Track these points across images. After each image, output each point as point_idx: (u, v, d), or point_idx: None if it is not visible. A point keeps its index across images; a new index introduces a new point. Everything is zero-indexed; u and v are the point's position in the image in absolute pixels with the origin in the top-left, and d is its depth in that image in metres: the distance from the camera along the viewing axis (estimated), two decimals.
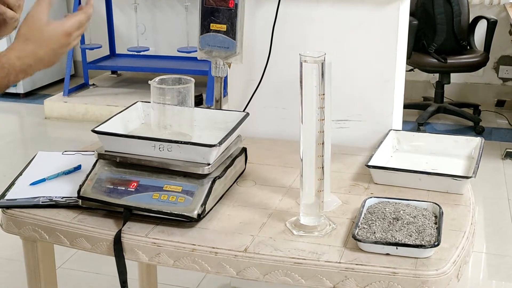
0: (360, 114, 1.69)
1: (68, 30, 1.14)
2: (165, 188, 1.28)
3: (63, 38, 1.14)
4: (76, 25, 1.16)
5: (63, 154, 1.58)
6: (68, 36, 1.15)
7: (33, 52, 1.11)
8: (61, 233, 1.28)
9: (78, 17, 1.17)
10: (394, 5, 1.60)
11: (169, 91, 1.38)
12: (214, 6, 1.59)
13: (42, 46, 1.12)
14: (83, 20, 1.18)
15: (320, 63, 1.15)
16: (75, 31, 1.16)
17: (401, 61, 1.69)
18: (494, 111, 4.54)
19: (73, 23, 1.16)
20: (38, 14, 1.13)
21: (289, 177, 1.48)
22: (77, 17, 1.17)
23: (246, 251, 1.17)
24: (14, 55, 1.09)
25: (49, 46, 1.12)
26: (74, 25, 1.16)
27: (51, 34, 1.12)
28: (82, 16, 1.18)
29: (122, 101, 4.42)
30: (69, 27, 1.15)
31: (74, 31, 1.16)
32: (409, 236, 1.14)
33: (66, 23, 1.15)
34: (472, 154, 1.55)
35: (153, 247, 1.21)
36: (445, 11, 4.07)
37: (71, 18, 1.16)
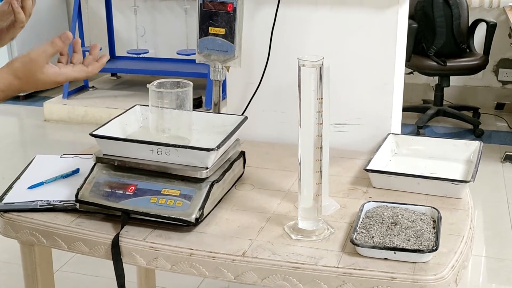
0: (359, 117, 1.69)
1: (62, 81, 1.15)
2: (163, 192, 1.28)
3: (52, 84, 1.15)
4: (70, 79, 1.16)
5: (61, 158, 1.58)
6: (58, 83, 1.15)
7: (19, 87, 1.12)
8: (59, 237, 1.28)
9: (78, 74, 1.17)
10: (393, 9, 1.60)
11: (168, 94, 1.38)
12: (212, 10, 1.59)
13: (30, 85, 1.13)
14: (80, 77, 1.17)
15: (318, 67, 1.15)
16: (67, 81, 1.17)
17: (400, 65, 1.69)
18: (493, 114, 4.54)
19: (69, 77, 1.15)
20: (38, 58, 1.12)
21: (287, 181, 1.48)
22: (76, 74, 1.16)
23: (244, 255, 1.16)
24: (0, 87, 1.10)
25: (36, 86, 1.14)
26: (68, 79, 1.16)
27: (43, 80, 1.12)
28: (82, 75, 1.17)
29: (122, 104, 4.42)
30: (63, 80, 1.15)
31: (66, 81, 1.16)
32: (407, 241, 1.14)
33: (62, 75, 1.14)
34: (471, 158, 1.55)
35: (150, 251, 1.21)
36: (444, 14, 4.07)
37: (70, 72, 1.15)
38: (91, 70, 1.19)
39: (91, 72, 1.19)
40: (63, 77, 1.15)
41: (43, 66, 1.12)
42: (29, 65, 1.11)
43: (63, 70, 1.15)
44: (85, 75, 1.18)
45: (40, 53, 1.12)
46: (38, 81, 1.12)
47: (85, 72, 1.18)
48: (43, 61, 1.12)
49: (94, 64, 1.20)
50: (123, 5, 5.24)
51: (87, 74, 1.18)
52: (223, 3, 1.58)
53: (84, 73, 1.18)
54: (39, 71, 1.11)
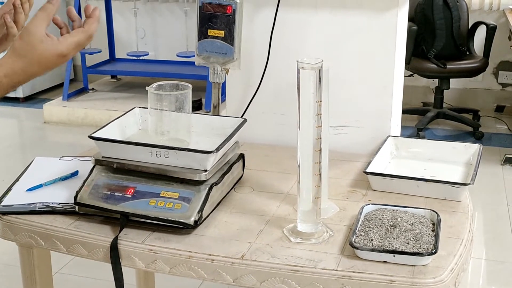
0: (358, 120, 1.69)
1: (64, 51, 1.08)
2: (162, 194, 1.27)
3: (57, 58, 1.08)
4: (73, 46, 1.09)
5: (61, 160, 1.58)
6: (63, 57, 1.08)
7: (23, 69, 1.06)
8: (58, 239, 1.28)
9: (77, 37, 1.10)
10: (392, 11, 1.60)
11: (167, 97, 1.37)
12: (212, 12, 1.59)
13: (33, 64, 1.06)
14: (82, 41, 1.11)
15: (317, 70, 1.15)
16: (72, 51, 1.10)
17: (399, 67, 1.69)
18: (493, 117, 4.54)
19: (70, 44, 1.09)
20: (34, 28, 1.06)
21: (287, 183, 1.48)
22: (75, 38, 1.10)
23: (243, 258, 1.16)
24: (2, 73, 1.04)
25: (41, 64, 1.07)
26: (71, 46, 1.09)
27: (45, 53, 1.06)
28: (82, 37, 1.11)
29: (122, 106, 4.42)
30: (65, 49, 1.08)
31: (71, 51, 1.09)
32: (407, 244, 1.14)
33: (62, 43, 1.08)
34: (471, 160, 1.55)
35: (149, 253, 1.21)
36: (444, 16, 4.07)
37: (69, 37, 1.10)
38: (87, 29, 1.12)
39: (89, 30, 1.12)
40: (64, 46, 1.08)
41: (41, 35, 1.06)
42: (26, 37, 1.06)
43: (61, 38, 1.09)
44: (84, 36, 1.11)
45: (33, 21, 1.07)
46: (40, 54, 1.06)
47: (83, 32, 1.11)
48: (40, 29, 1.06)
49: (88, 21, 1.13)
50: (123, 7, 5.25)
51: (86, 34, 1.12)
52: (223, 5, 1.58)
53: (82, 33, 1.11)
54: (37, 41, 1.05)
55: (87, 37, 1.12)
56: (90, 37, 1.13)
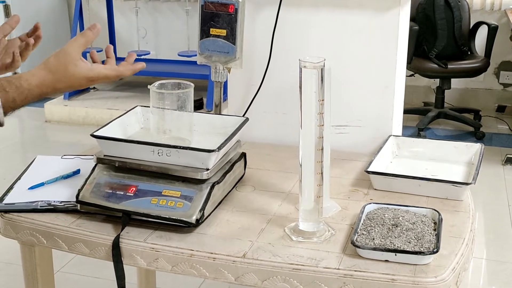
0: (360, 119, 1.69)
1: (93, 78, 1.16)
2: (164, 193, 1.27)
3: (84, 81, 1.15)
4: (101, 76, 1.17)
5: (62, 158, 1.58)
6: (90, 81, 1.16)
7: (52, 84, 1.12)
8: (59, 237, 1.28)
9: (109, 72, 1.18)
10: (394, 11, 1.60)
11: (169, 96, 1.38)
12: (214, 11, 1.59)
13: (62, 82, 1.13)
14: (111, 76, 1.18)
15: (319, 69, 1.15)
16: (99, 80, 1.17)
17: (401, 67, 1.69)
18: (494, 117, 4.54)
19: (100, 74, 1.17)
20: (71, 50, 1.14)
21: (288, 182, 1.48)
22: (107, 71, 1.18)
23: (245, 256, 1.16)
24: (35, 83, 1.11)
25: (70, 83, 1.14)
26: (100, 76, 1.17)
27: (75, 74, 1.14)
28: (113, 74, 1.18)
29: (123, 105, 4.42)
30: (95, 76, 1.16)
31: (98, 80, 1.17)
32: (408, 243, 1.14)
33: (94, 70, 1.16)
34: (472, 160, 1.55)
35: (151, 252, 1.21)
36: (446, 16, 4.07)
37: (101, 68, 1.17)
38: (122, 70, 1.21)
39: (123, 73, 1.20)
40: (95, 73, 1.16)
41: (76, 59, 1.14)
42: (62, 57, 1.13)
43: (95, 66, 1.17)
44: (116, 74, 1.19)
45: (72, 44, 1.14)
46: (71, 75, 1.13)
47: (116, 71, 1.19)
48: (76, 53, 1.14)
49: (126, 66, 1.22)
50: (125, 6, 5.25)
51: (118, 74, 1.20)
52: (225, 4, 1.58)
53: (115, 72, 1.19)
54: (71, 63, 1.13)
55: (117, 76, 1.20)
56: (119, 77, 1.21)
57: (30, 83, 1.10)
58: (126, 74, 1.22)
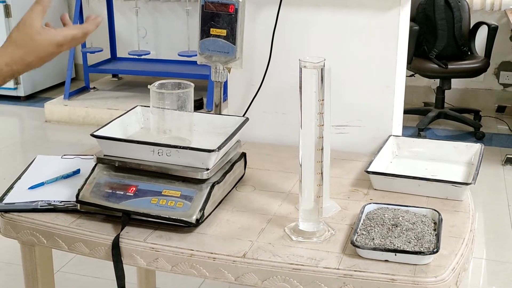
0: (360, 119, 1.69)
1: (60, 41, 1.12)
2: (164, 193, 1.28)
3: (53, 48, 1.12)
4: (68, 39, 1.14)
5: (62, 158, 1.58)
6: (59, 47, 1.12)
7: (21, 58, 1.09)
8: (59, 237, 1.28)
9: (74, 31, 1.15)
10: (394, 11, 1.60)
11: (169, 96, 1.38)
12: (214, 11, 1.59)
13: (31, 54, 1.10)
14: (77, 36, 1.15)
15: (319, 69, 1.15)
16: (67, 43, 1.14)
17: (401, 67, 1.69)
18: (494, 117, 4.54)
19: (66, 35, 1.13)
20: (30, 20, 1.10)
21: (288, 182, 1.48)
22: (72, 31, 1.15)
23: (245, 256, 1.16)
24: (2, 61, 1.07)
25: (38, 54, 1.10)
26: (67, 38, 1.13)
27: (41, 42, 1.10)
28: (78, 31, 1.15)
29: (123, 105, 4.42)
30: (61, 39, 1.12)
31: (66, 43, 1.13)
32: (408, 243, 1.14)
33: (59, 34, 1.13)
34: (472, 160, 1.55)
35: (151, 252, 1.21)
36: (446, 16, 4.07)
37: (65, 30, 1.14)
38: (86, 26, 1.17)
39: (87, 28, 1.17)
40: (61, 36, 1.12)
41: (38, 27, 1.10)
42: (24, 29, 1.10)
43: (59, 30, 1.14)
44: (82, 31, 1.16)
45: (30, 14, 1.11)
46: (38, 44, 1.10)
47: (82, 29, 1.16)
48: (36, 21, 1.10)
49: (88, 21, 1.18)
50: (125, 6, 5.25)
51: (84, 31, 1.16)
52: (225, 4, 1.58)
53: (80, 29, 1.15)
54: (35, 31, 1.09)
55: (83, 34, 1.16)
56: (86, 34, 1.17)
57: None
58: (91, 29, 1.18)
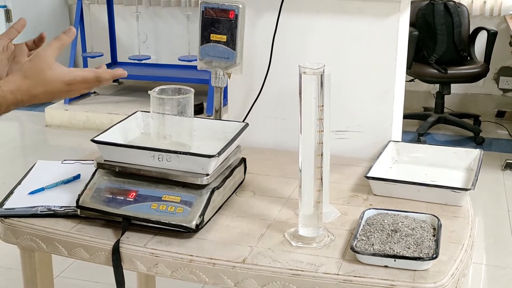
0: (360, 125, 1.69)
1: (70, 80, 1.10)
2: (164, 198, 1.28)
3: (61, 85, 1.10)
4: (78, 79, 1.12)
5: (63, 163, 1.58)
6: (68, 85, 1.10)
7: (28, 89, 1.08)
8: (59, 242, 1.28)
9: (86, 73, 1.13)
10: (394, 17, 1.60)
11: (169, 101, 1.38)
12: (214, 17, 1.60)
13: (38, 87, 1.08)
14: (89, 78, 1.13)
15: (319, 75, 1.15)
16: (77, 84, 1.12)
17: (401, 72, 1.69)
18: (494, 122, 4.55)
19: (77, 76, 1.11)
20: (45, 54, 1.10)
21: (288, 187, 1.48)
22: (84, 73, 1.12)
23: (244, 262, 1.16)
24: (8, 89, 1.06)
25: (46, 88, 1.09)
26: (77, 79, 1.11)
27: (51, 78, 1.09)
28: (91, 75, 1.13)
29: (123, 109, 4.43)
30: (71, 78, 1.11)
31: (76, 83, 1.11)
32: (408, 249, 1.14)
33: (70, 73, 1.11)
34: (472, 166, 1.55)
35: (151, 257, 1.21)
36: (445, 22, 4.08)
37: (78, 71, 1.12)
38: (101, 72, 1.14)
39: (101, 75, 1.14)
40: (72, 76, 1.10)
41: (51, 63, 1.09)
42: (37, 62, 1.09)
43: (72, 69, 1.12)
44: (94, 76, 1.13)
45: (46, 48, 1.10)
46: (47, 79, 1.08)
47: (95, 73, 1.13)
48: (50, 57, 1.09)
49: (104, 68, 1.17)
50: (125, 11, 5.26)
51: (96, 75, 1.13)
52: (225, 10, 1.59)
53: (93, 73, 1.13)
54: (47, 67, 1.08)
55: (95, 79, 1.13)
56: (99, 80, 1.14)
57: (4, 90, 1.05)
58: (105, 77, 1.15)
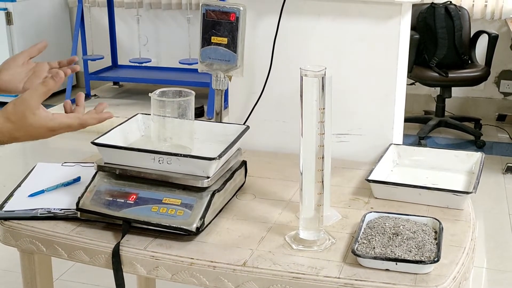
0: (361, 128, 1.69)
1: (53, 127, 1.09)
2: (164, 201, 1.27)
3: (44, 130, 1.09)
4: (63, 126, 1.11)
5: (63, 166, 1.58)
6: (51, 131, 1.10)
7: (9, 132, 1.07)
8: (59, 245, 1.28)
9: (71, 121, 1.11)
10: (395, 20, 1.60)
11: (169, 103, 1.38)
12: (215, 19, 1.60)
13: (20, 130, 1.07)
14: (74, 125, 1.12)
15: (320, 77, 1.15)
16: (61, 130, 1.11)
17: (401, 75, 1.69)
18: (495, 125, 4.55)
19: (61, 123, 1.10)
20: (30, 98, 1.07)
21: (289, 190, 1.47)
22: (69, 120, 1.11)
23: (245, 265, 1.16)
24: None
25: (27, 132, 1.08)
26: (61, 126, 1.10)
27: (33, 123, 1.07)
28: (75, 123, 1.12)
29: (124, 112, 4.42)
30: (55, 125, 1.09)
31: (59, 130, 1.10)
32: (409, 252, 1.14)
33: (54, 120, 1.09)
34: (473, 169, 1.54)
35: (151, 260, 1.21)
36: (446, 25, 4.08)
37: (63, 118, 1.10)
38: (87, 119, 1.13)
39: (86, 122, 1.13)
40: (56, 123, 1.09)
41: (35, 107, 1.07)
42: (20, 105, 1.07)
43: (56, 115, 1.09)
44: (79, 123, 1.12)
45: (31, 93, 1.07)
46: (29, 125, 1.07)
47: (80, 120, 1.12)
48: (35, 101, 1.07)
49: (92, 115, 1.14)
50: (126, 14, 5.26)
51: (82, 122, 1.12)
52: (226, 12, 1.59)
53: (78, 120, 1.12)
54: (30, 112, 1.06)
55: (80, 125, 1.13)
56: (83, 126, 1.13)
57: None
58: (91, 123, 1.14)
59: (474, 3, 4.49)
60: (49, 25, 5.27)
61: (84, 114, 1.15)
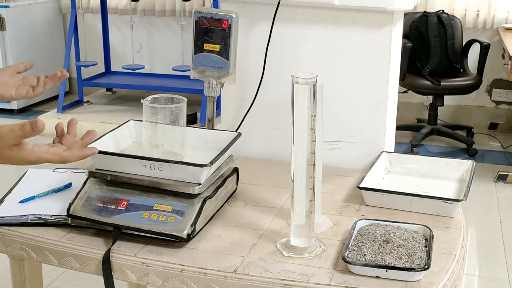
0: (352, 135, 1.69)
1: (34, 162, 1.06)
2: (155, 207, 1.27)
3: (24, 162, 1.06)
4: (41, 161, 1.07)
5: (54, 172, 1.57)
6: (29, 163, 1.06)
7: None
8: (49, 251, 1.27)
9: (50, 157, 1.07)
10: (387, 28, 1.61)
11: (161, 110, 1.38)
12: (207, 26, 1.60)
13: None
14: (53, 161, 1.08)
15: (312, 85, 1.15)
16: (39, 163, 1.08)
17: (393, 83, 1.70)
18: (487, 134, 4.57)
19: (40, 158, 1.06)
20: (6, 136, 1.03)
21: (280, 197, 1.48)
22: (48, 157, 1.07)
23: (236, 272, 1.16)
24: None
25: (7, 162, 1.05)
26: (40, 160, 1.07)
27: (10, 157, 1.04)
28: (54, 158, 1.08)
29: (117, 119, 4.42)
30: (35, 160, 1.06)
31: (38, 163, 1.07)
32: (399, 259, 1.14)
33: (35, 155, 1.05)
34: (464, 177, 1.55)
35: (142, 267, 1.20)
36: (439, 34, 4.11)
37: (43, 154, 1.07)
38: (68, 156, 1.09)
39: (67, 159, 1.09)
40: (34, 157, 1.06)
41: (10, 145, 1.04)
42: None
43: (36, 150, 1.06)
44: (59, 160, 1.08)
45: (8, 132, 1.04)
46: (6, 157, 1.04)
47: (60, 157, 1.08)
48: (10, 140, 1.04)
49: (74, 152, 1.11)
50: (120, 20, 5.27)
51: (61, 160, 1.08)
52: (219, 19, 1.59)
53: (58, 157, 1.08)
54: (6, 148, 1.04)
55: (60, 162, 1.09)
56: (64, 162, 1.10)
57: None
58: (72, 161, 1.10)
59: (467, 12, 4.52)
60: (43, 31, 5.26)
61: (66, 150, 1.10)
